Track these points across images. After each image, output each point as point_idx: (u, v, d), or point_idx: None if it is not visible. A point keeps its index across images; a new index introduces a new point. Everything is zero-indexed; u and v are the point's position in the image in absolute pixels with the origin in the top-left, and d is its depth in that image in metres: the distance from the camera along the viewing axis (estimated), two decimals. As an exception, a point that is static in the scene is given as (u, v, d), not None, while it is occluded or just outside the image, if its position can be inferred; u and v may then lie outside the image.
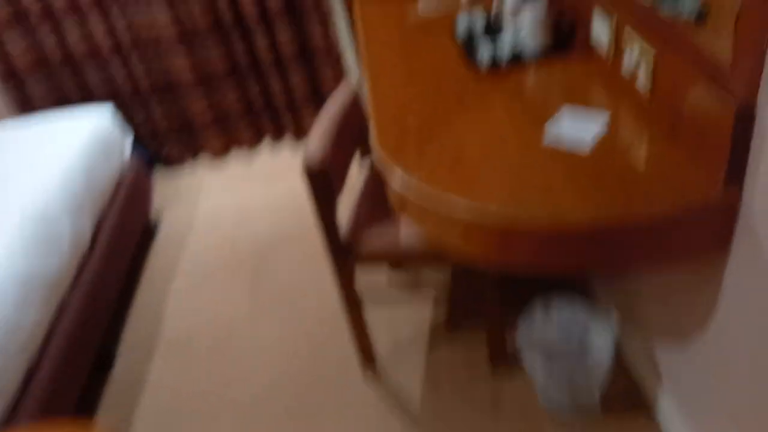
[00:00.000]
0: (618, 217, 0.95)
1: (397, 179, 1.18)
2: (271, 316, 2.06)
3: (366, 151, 1.85)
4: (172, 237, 2.61)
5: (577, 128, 1.17)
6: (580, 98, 1.27)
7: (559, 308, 1.51)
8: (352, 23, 2.73)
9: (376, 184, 1.75)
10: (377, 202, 1.67)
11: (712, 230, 0.97)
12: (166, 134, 3.02)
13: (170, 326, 2.12)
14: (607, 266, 1.03)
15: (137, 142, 2.90)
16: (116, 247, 2.20)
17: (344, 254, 1.53)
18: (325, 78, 2.92)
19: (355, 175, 1.81)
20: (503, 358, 1.67)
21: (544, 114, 1.24)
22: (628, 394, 1.51)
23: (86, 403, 1.90)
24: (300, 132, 3.07)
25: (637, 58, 1.16)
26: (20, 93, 2.84)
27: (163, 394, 1.86)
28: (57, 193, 1.98)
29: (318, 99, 3.01)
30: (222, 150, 3.09)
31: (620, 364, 1.58)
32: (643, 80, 1.15)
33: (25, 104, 2.87)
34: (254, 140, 3.09)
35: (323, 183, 1.41)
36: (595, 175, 1.04)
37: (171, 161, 3.13)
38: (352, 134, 1.66)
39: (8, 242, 1.72)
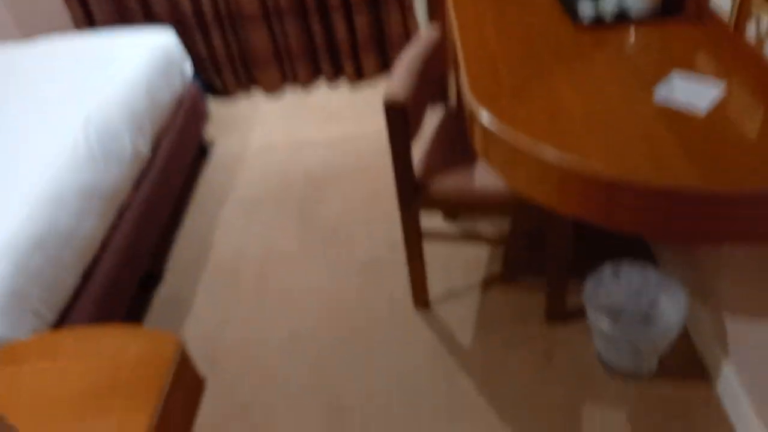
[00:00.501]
0: (731, 186, 0.91)
1: (485, 124, 1.14)
2: (320, 252, 2.06)
3: (441, 100, 1.80)
4: (223, 163, 2.61)
5: (691, 92, 1.11)
6: (692, 64, 1.21)
7: (629, 272, 1.48)
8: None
9: (451, 130, 1.71)
10: (452, 146, 1.63)
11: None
12: (224, 64, 2.99)
13: (218, 251, 2.14)
14: (701, 238, 0.99)
15: (195, 69, 2.88)
16: (172, 166, 2.21)
17: (414, 192, 1.51)
18: (390, 24, 2.84)
19: (429, 121, 1.77)
20: (561, 314, 1.66)
21: (652, 76, 1.18)
22: (688, 363, 1.49)
23: (133, 320, 1.93)
24: (358, 75, 3.02)
25: (767, 26, 1.09)
26: (83, 8, 2.82)
27: (207, 318, 1.88)
28: (120, 108, 1.98)
29: (380, 44, 2.94)
30: (277, 85, 3.06)
31: (685, 334, 1.55)
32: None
33: (88, 20, 2.85)
34: (310, 78, 3.05)
35: (402, 119, 1.39)
36: (708, 140, 0.99)
37: (225, 91, 3.11)
38: (430, 79, 1.62)
39: (72, 153, 1.72)
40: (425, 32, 1.70)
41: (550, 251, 1.51)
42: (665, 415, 1.39)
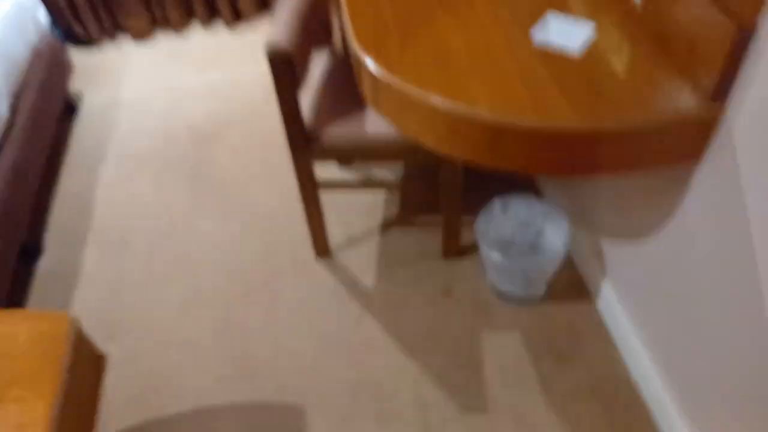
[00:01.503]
0: (608, 125, 0.98)
1: (374, 74, 1.14)
2: (214, 208, 2.00)
3: (326, 41, 1.76)
4: (95, 120, 2.42)
5: (565, 34, 1.16)
6: (567, 5, 1.26)
7: (517, 207, 1.57)
8: None
9: (339, 75, 1.68)
10: (341, 92, 1.61)
11: (691, 141, 1.02)
12: (84, 8, 2.71)
13: (101, 215, 2.01)
14: (582, 170, 1.07)
15: (51, 16, 2.60)
16: (36, 127, 2.02)
17: (306, 144, 1.49)
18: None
19: (315, 64, 1.73)
20: (457, 250, 1.74)
21: (530, 18, 1.22)
22: (572, 286, 1.63)
23: (15, 298, 1.79)
24: (235, 16, 2.86)
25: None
26: None
27: (99, 285, 1.79)
28: (-34, 65, 1.77)
29: (256, -19, 2.80)
30: (146, 30, 2.83)
31: (569, 261, 1.69)
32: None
33: None
34: (182, 22, 2.85)
35: (288, 67, 1.34)
36: (583, 80, 1.05)
37: (88, 40, 2.84)
38: (314, 21, 1.57)
39: None
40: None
41: (443, 192, 1.56)
42: (554, 333, 1.53)
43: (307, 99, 1.59)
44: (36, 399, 0.99)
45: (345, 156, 1.52)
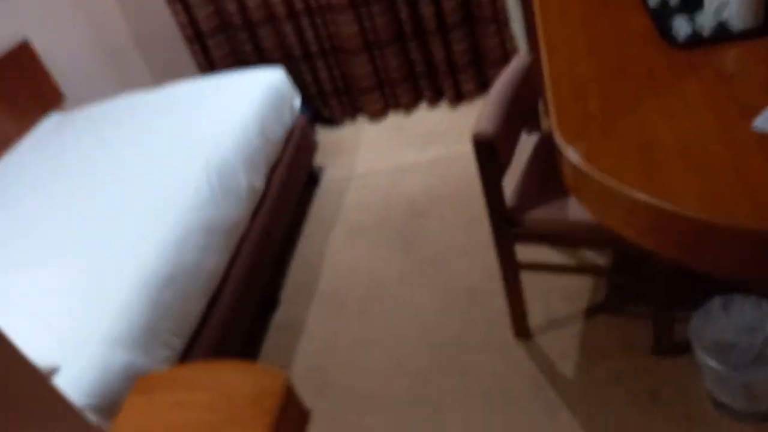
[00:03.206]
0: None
1: (573, 162, 1.14)
2: (422, 277, 2.11)
3: (534, 125, 1.80)
4: (332, 191, 2.75)
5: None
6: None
7: (742, 305, 1.40)
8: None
9: (544, 159, 1.70)
10: (545, 175, 1.63)
11: None
12: (330, 94, 3.14)
13: (327, 277, 2.26)
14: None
15: (304, 102, 3.06)
16: (284, 197, 2.37)
17: (507, 225, 1.52)
18: (487, 45, 2.85)
19: (523, 148, 1.77)
20: (669, 347, 1.59)
21: (753, 102, 1.12)
22: (815, 407, 1.38)
23: (252, 344, 2.08)
24: (458, 97, 3.05)
25: None
26: (205, 54, 3.09)
27: (317, 341, 2.00)
28: (235, 147, 2.14)
29: (479, 66, 2.96)
30: (380, 112, 3.16)
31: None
32: None
33: (209, 65, 3.12)
34: (412, 103, 3.13)
35: (491, 154, 1.41)
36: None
37: (333, 120, 3.26)
38: (522, 107, 1.63)
39: (195, 192, 1.89)
40: (516, 58, 1.70)
41: (653, 283, 1.46)
42: (788, 461, 1.30)
43: (511, 181, 1.63)
44: (249, 442, 1.15)
45: (548, 240, 1.52)
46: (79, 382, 1.37)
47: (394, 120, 3.17)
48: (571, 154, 1.16)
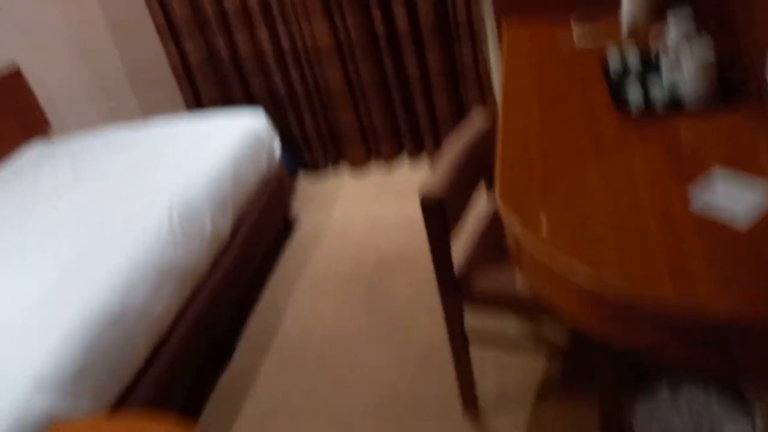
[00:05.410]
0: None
1: (513, 230, 1.11)
2: (381, 336, 2.05)
3: (491, 184, 1.77)
4: (305, 240, 2.71)
5: (732, 198, 1.01)
6: (744, 162, 1.10)
7: (690, 393, 1.33)
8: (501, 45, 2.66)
9: (495, 223, 1.67)
10: (496, 241, 1.59)
11: None
12: (314, 140, 3.15)
13: (288, 327, 2.20)
14: (746, 366, 0.88)
15: (286, 146, 3.06)
16: (251, 245, 2.32)
17: (454, 290, 1.47)
18: (470, 99, 2.87)
19: (478, 208, 1.74)
20: None
21: (693, 175, 1.09)
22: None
23: (198, 394, 2.00)
24: (437, 149, 3.05)
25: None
26: (193, 91, 3.12)
27: (269, 393, 1.93)
28: (204, 189, 2.10)
29: (460, 119, 2.97)
30: (362, 160, 3.16)
31: (759, 467, 1.35)
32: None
33: (196, 101, 3.15)
34: (393, 154, 3.12)
35: (438, 215, 1.37)
36: (743, 260, 0.89)
37: (315, 166, 3.26)
38: (477, 167, 1.60)
39: (155, 232, 1.85)
40: (475, 113, 1.69)
41: (597, 367, 1.39)
42: None
43: (462, 244, 1.59)
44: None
45: (497, 307, 1.47)
46: (-7, 426, 1.30)
47: (375, 173, 3.15)
48: (508, 220, 1.13)
